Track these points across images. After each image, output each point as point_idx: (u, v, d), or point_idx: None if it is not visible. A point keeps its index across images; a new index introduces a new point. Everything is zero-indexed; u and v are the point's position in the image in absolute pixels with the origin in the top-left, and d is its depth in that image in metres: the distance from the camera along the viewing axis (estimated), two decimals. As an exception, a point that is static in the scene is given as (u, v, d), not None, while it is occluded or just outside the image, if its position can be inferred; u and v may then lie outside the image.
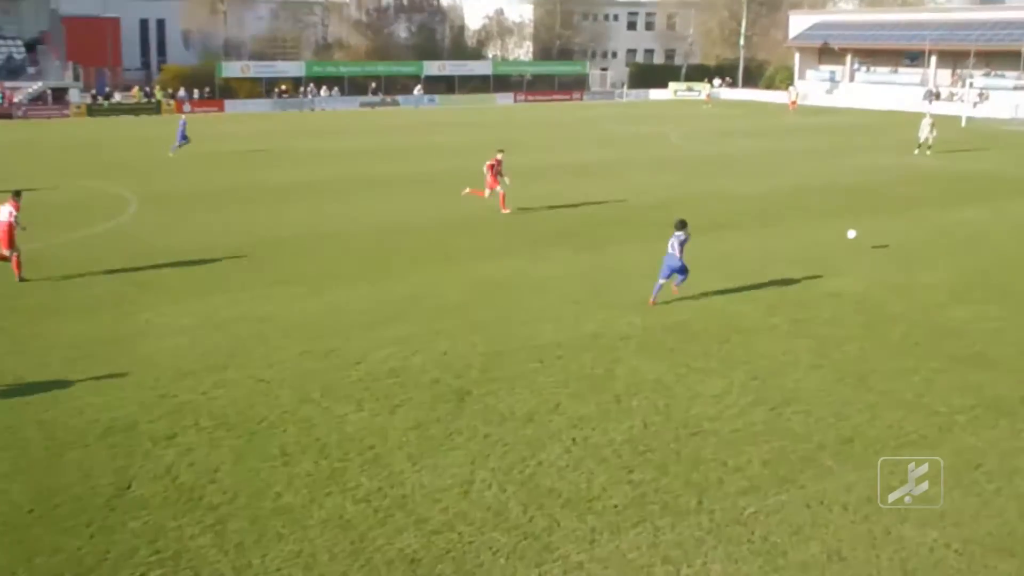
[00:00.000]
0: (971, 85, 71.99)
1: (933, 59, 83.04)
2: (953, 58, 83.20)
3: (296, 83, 78.81)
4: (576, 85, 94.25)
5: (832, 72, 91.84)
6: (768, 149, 47.48)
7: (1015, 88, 76.07)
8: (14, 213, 19.44)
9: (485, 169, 27.62)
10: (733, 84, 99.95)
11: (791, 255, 22.26)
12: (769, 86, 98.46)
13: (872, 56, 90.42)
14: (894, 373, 14.30)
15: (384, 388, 13.50)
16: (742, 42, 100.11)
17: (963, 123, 62.10)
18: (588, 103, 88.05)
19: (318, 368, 14.30)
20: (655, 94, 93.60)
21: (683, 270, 17.76)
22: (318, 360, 14.66)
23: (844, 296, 18.64)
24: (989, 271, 21.03)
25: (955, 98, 77.38)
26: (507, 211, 27.30)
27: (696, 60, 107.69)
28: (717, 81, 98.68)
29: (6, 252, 19.39)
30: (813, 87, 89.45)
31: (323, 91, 78.72)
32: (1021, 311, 17.77)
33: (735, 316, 17.25)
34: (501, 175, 27.47)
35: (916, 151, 45.05)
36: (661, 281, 17.85)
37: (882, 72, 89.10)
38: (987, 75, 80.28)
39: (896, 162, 41.94)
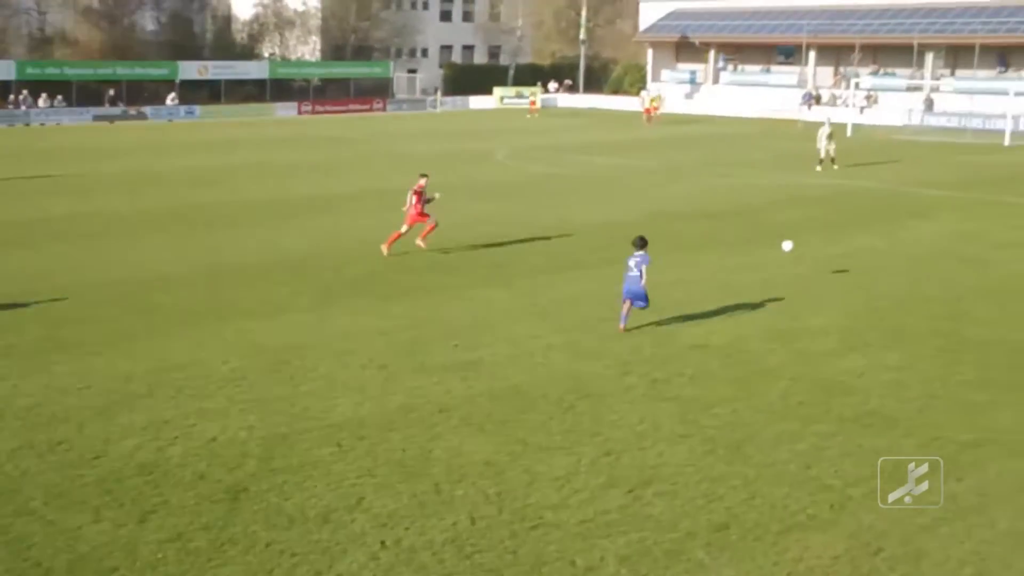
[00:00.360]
0: (857, 86, 76.32)
1: (812, 54, 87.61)
2: (835, 53, 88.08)
3: (3, 89, 76.35)
4: (377, 92, 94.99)
5: (692, 72, 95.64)
6: (617, 168, 48.95)
7: (908, 89, 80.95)
8: None
9: (410, 197, 27.28)
10: (573, 88, 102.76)
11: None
12: (617, 90, 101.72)
13: (740, 52, 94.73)
14: (775, 440, 14.92)
15: (132, 490, 13.16)
16: (583, 36, 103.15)
17: (849, 131, 65.68)
18: (393, 114, 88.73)
19: (39, 468, 13.81)
20: (477, 102, 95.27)
21: (643, 296, 19.89)
22: (39, 457, 14.15)
23: (712, 348, 19.37)
24: (884, 311, 22.26)
25: (839, 101, 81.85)
26: (424, 245, 27.66)
27: (527, 59, 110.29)
28: (553, 85, 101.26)
29: None
30: (670, 90, 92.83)
31: (42, 100, 76.51)
32: (922, 359, 18.86)
33: (580, 377, 17.65)
34: (427, 203, 27.48)
35: (819, 167, 47.48)
36: (626, 307, 20.09)
37: (752, 71, 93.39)
38: (875, 73, 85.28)
39: (773, 181, 43.96)
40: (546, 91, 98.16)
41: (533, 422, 15.53)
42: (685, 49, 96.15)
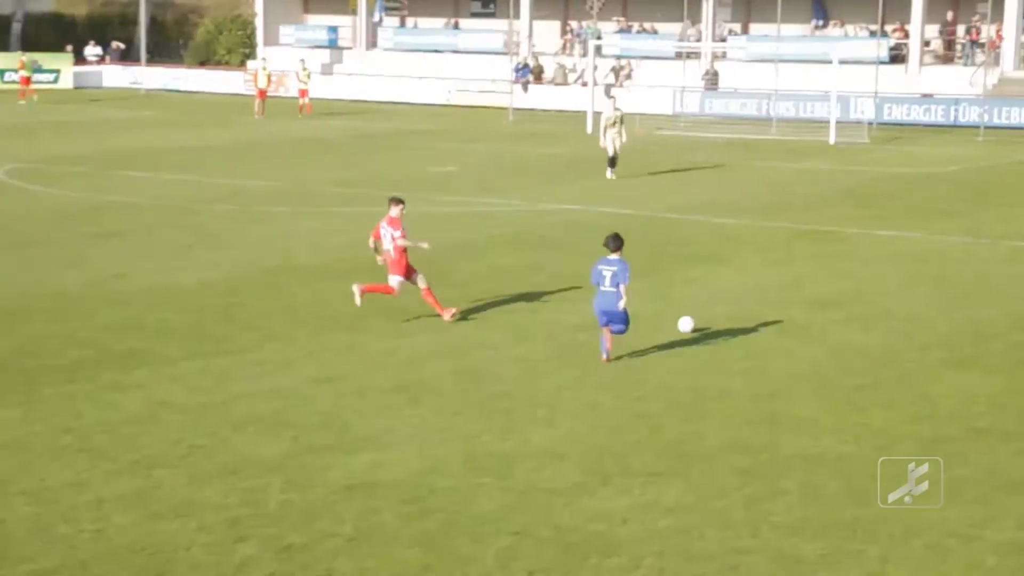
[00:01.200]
0: (598, 51, 78.39)
1: (525, 1, 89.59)
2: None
3: None
4: None
5: (332, 30, 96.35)
6: (209, 192, 48.86)
7: (678, 55, 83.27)
8: None
9: (389, 239, 27.59)
10: (128, 56, 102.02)
11: (271, 411, 22.87)
12: (206, 59, 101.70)
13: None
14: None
15: None
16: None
17: (590, 124, 67.24)
18: None
19: None
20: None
21: (623, 319, 24.78)
22: None
23: (382, 487, 19.22)
24: (653, 417, 22.65)
25: (570, 76, 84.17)
26: (451, 315, 28.24)
27: (46, 6, 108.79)
28: (94, 50, 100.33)
29: None
30: (293, 60, 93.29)
31: None
32: (717, 491, 19.12)
33: (159, 551, 17.14)
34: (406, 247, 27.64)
35: (609, 173, 49.62)
36: (605, 333, 25.18)
37: (431, 29, 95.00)
38: (625, 31, 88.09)
39: (469, 208, 44.78)
40: (82, 62, 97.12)
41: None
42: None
